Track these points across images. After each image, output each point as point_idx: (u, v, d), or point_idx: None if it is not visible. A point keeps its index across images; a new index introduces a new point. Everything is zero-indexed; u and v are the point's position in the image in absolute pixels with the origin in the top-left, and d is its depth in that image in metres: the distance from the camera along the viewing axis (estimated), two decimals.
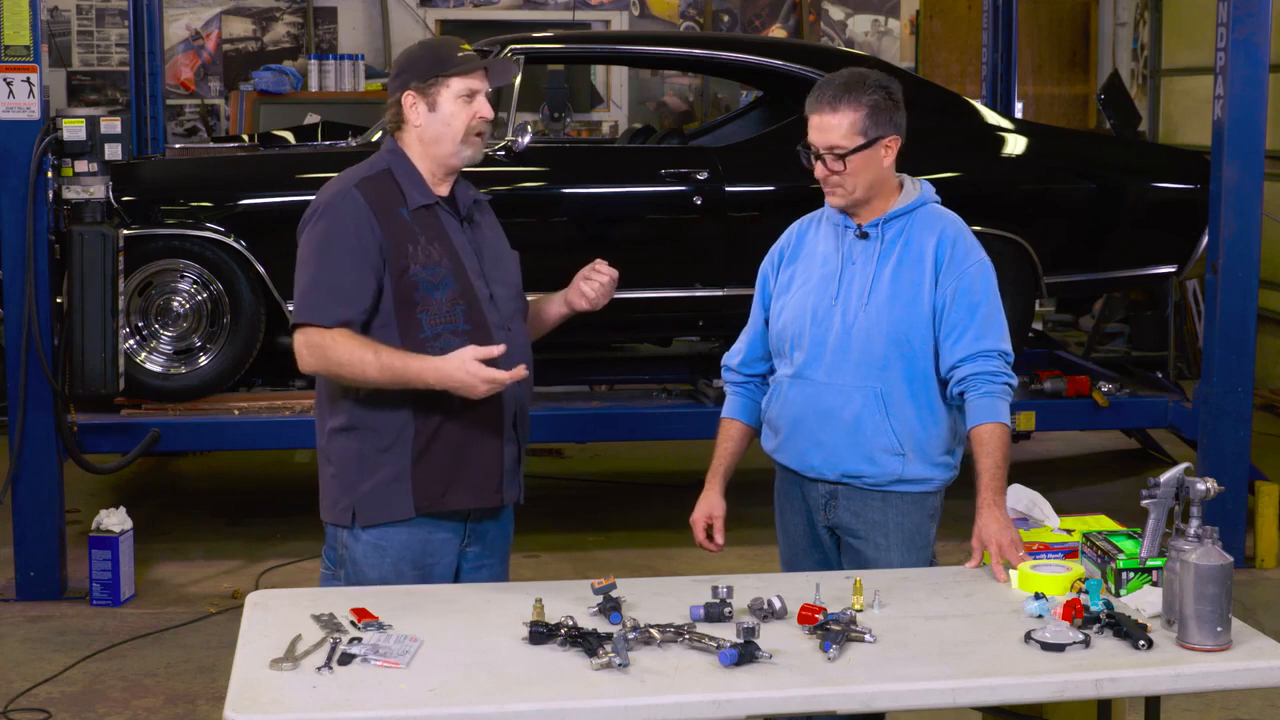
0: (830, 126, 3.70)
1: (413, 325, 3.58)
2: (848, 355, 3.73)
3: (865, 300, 3.72)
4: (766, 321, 3.94)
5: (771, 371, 3.94)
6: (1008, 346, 3.76)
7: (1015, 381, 3.78)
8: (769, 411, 3.91)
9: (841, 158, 3.69)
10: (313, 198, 3.72)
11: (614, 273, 3.85)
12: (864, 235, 3.77)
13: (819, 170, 3.74)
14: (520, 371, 3.52)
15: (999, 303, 3.78)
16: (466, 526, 3.71)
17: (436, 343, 3.58)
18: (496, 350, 3.49)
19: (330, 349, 3.53)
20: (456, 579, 3.71)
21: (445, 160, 3.68)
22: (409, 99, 3.65)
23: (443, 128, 3.65)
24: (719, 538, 3.92)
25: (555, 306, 3.93)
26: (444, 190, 3.70)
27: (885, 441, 3.73)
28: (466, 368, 3.46)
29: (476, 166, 3.78)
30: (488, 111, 3.69)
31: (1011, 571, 3.51)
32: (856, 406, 3.72)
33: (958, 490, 3.95)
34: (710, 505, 3.94)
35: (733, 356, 4.03)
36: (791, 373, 3.83)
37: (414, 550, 3.63)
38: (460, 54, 3.68)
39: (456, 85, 3.64)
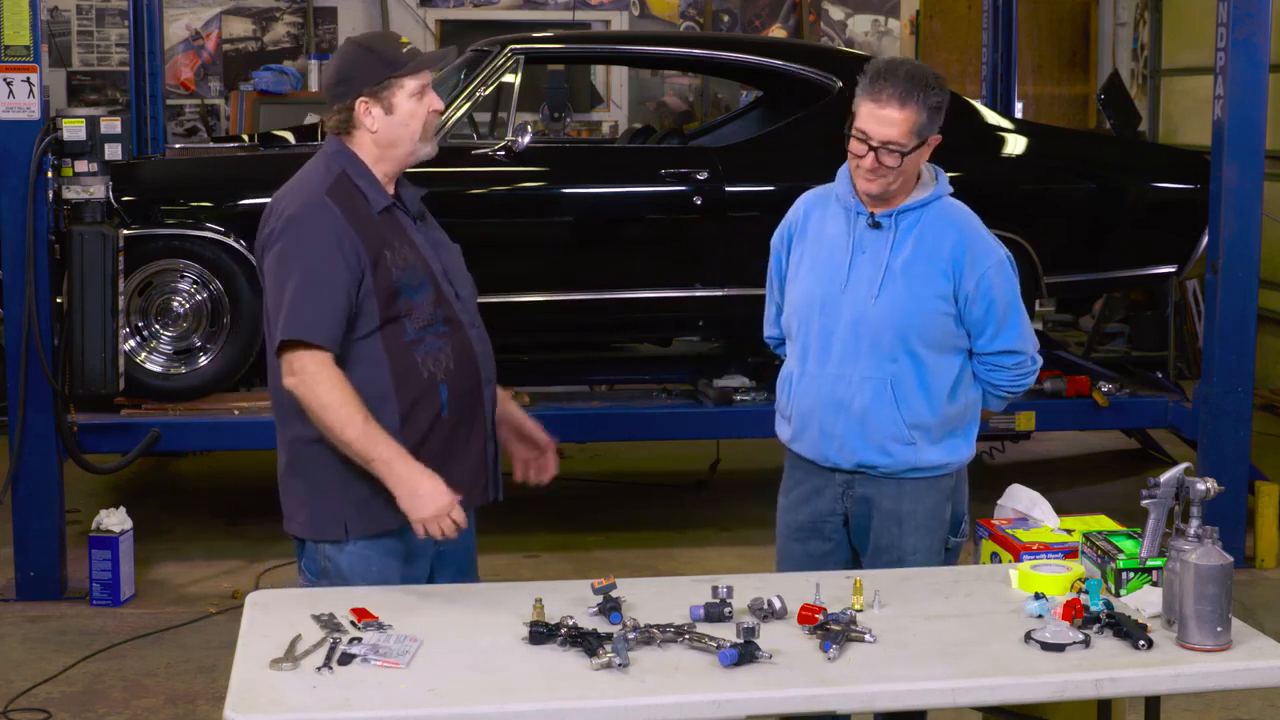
0: (894, 122, 3.65)
1: (396, 330, 3.51)
2: (856, 347, 3.74)
3: (876, 291, 3.72)
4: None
5: None
6: (1024, 344, 3.80)
7: (1016, 384, 3.83)
8: (781, 402, 3.92)
9: (900, 154, 3.66)
10: (268, 206, 3.61)
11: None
12: (876, 225, 3.76)
13: (869, 160, 3.68)
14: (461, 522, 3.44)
15: (1018, 298, 3.80)
16: None
17: (421, 346, 3.52)
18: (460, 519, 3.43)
19: (318, 384, 3.42)
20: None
21: (403, 160, 3.61)
22: (363, 105, 3.55)
23: (401, 129, 3.56)
24: None
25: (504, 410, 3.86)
26: (392, 190, 3.63)
27: (895, 432, 3.75)
28: (445, 511, 3.39)
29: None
30: (439, 104, 3.64)
31: (1012, 571, 3.52)
32: (866, 397, 3.74)
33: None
34: None
35: (771, 326, 4.06)
36: (800, 364, 3.84)
37: (396, 559, 3.57)
38: (405, 51, 3.60)
39: (410, 85, 3.56)
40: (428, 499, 3.40)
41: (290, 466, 3.62)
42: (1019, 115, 9.52)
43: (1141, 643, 3.11)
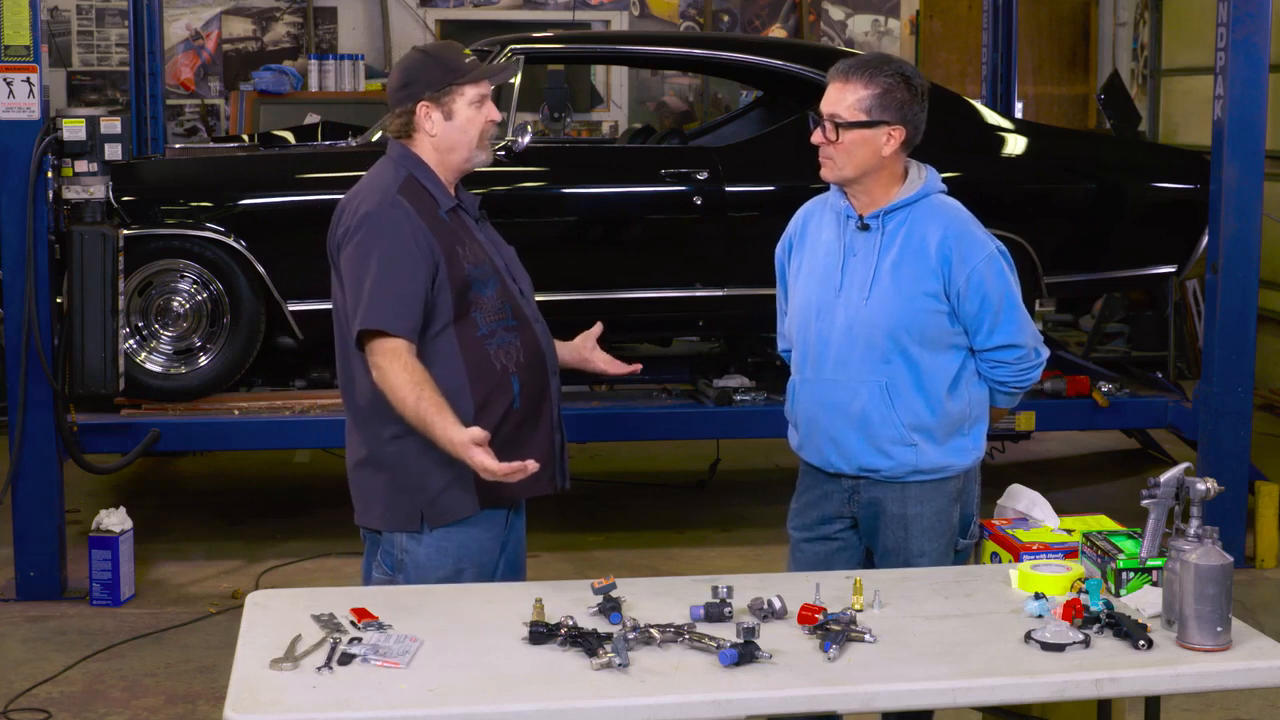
0: (837, 96, 3.74)
1: (469, 325, 3.63)
2: (852, 350, 3.75)
3: (866, 294, 3.73)
4: None
5: None
6: (1022, 337, 3.78)
7: (1021, 379, 3.82)
8: (788, 410, 3.95)
9: (837, 127, 3.71)
10: (339, 205, 3.71)
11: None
12: (865, 227, 3.77)
13: (815, 136, 3.76)
14: (531, 466, 3.45)
15: (1012, 292, 3.76)
16: (508, 516, 3.75)
17: (493, 340, 3.64)
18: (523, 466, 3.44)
19: (389, 372, 3.51)
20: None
21: (459, 166, 3.73)
22: (423, 109, 3.67)
23: (459, 135, 3.69)
24: None
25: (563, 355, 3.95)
26: (452, 192, 3.75)
27: (893, 434, 3.75)
28: (470, 454, 3.42)
29: (477, 167, 3.80)
30: (497, 115, 3.75)
31: (1012, 571, 3.52)
32: (863, 400, 3.75)
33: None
34: None
35: (783, 341, 4.05)
36: (800, 371, 3.87)
37: (471, 549, 3.67)
38: (468, 60, 3.73)
39: (470, 93, 3.68)
40: (462, 449, 3.43)
41: (368, 461, 3.71)
42: (1019, 115, 9.52)
43: (1141, 643, 3.12)
